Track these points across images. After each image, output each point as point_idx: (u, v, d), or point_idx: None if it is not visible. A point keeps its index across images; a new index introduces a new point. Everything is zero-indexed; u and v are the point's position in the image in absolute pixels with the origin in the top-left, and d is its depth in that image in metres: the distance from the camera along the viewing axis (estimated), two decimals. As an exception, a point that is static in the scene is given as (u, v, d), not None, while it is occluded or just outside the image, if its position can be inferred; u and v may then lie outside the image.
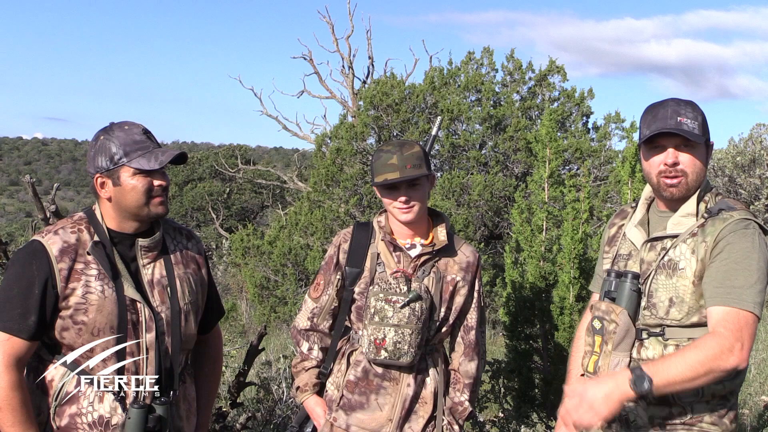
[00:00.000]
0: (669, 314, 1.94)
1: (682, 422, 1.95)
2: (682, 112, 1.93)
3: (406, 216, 2.29)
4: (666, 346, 1.96)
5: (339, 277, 2.39)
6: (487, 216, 10.37)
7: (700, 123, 1.93)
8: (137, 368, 1.96)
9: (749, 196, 18.64)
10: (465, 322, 2.43)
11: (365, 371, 2.33)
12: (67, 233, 1.94)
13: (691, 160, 1.93)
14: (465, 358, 2.42)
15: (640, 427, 1.98)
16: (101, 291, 1.92)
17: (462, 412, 2.40)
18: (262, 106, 18.56)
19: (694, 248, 1.92)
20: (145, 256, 2.03)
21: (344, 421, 2.33)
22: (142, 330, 1.96)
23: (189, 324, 2.08)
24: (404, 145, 2.30)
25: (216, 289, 2.33)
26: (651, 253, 2.01)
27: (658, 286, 1.96)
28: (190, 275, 2.12)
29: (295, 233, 10.95)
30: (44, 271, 1.88)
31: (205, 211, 25.77)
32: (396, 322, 2.24)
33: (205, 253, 2.23)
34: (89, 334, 1.90)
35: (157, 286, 2.02)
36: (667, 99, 2.00)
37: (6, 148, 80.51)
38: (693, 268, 1.92)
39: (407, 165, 2.24)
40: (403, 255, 2.34)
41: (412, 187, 2.27)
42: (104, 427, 1.91)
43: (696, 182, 1.96)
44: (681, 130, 1.90)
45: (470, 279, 2.39)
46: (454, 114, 10.58)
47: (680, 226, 1.97)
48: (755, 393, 5.95)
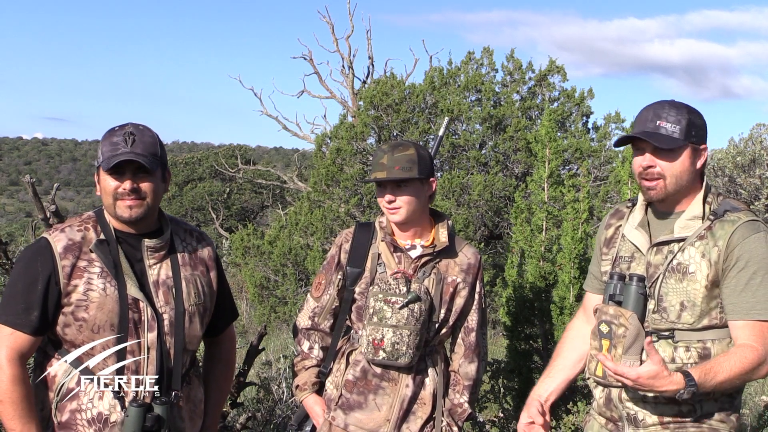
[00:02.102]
0: (681, 318, 1.95)
1: (691, 420, 1.96)
2: (663, 115, 1.95)
3: (393, 216, 2.31)
4: (676, 348, 1.97)
5: (340, 276, 2.40)
6: (487, 216, 10.36)
7: (684, 126, 1.94)
8: (137, 367, 1.96)
9: (749, 196, 18.67)
10: (465, 324, 2.42)
11: (364, 371, 2.34)
12: (74, 231, 1.97)
13: (669, 164, 1.95)
14: (465, 360, 2.42)
15: (649, 425, 1.99)
16: (103, 288, 1.93)
17: (461, 413, 2.40)
18: (262, 106, 18.56)
19: (704, 252, 1.93)
20: (151, 256, 2.03)
21: (342, 420, 2.34)
22: (143, 329, 1.97)
23: (193, 325, 2.08)
24: (399, 146, 2.31)
25: (229, 291, 2.32)
26: (658, 256, 2.01)
27: (669, 290, 1.96)
28: (197, 277, 2.11)
29: (295, 233, 10.95)
30: (48, 268, 1.91)
31: (205, 211, 25.77)
32: (394, 323, 2.24)
33: (217, 256, 2.22)
34: (90, 331, 1.92)
35: (162, 286, 2.03)
36: (657, 102, 2.02)
37: (6, 148, 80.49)
38: (704, 273, 1.92)
39: (396, 166, 2.26)
40: (404, 256, 2.34)
41: (399, 188, 2.28)
42: (103, 424, 1.92)
43: (676, 185, 1.97)
44: (651, 135, 1.94)
45: (471, 281, 2.39)
46: (454, 114, 10.58)
47: (687, 229, 1.97)
48: (755, 393, 5.96)
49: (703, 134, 2.00)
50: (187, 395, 2.10)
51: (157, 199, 2.00)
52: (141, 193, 1.95)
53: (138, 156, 1.92)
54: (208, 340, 2.30)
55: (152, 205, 1.99)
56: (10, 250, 3.72)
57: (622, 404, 2.04)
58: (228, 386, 2.37)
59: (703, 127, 2.00)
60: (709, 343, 1.95)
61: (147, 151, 1.96)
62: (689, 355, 1.96)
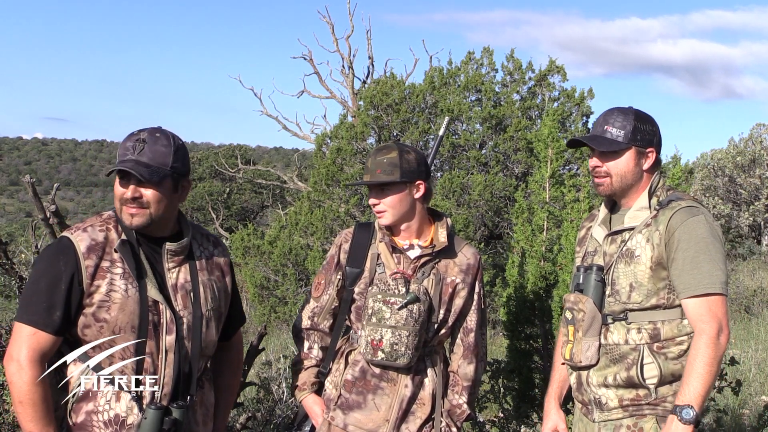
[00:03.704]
0: (630, 298, 2.16)
1: (647, 403, 2.15)
2: (610, 121, 2.22)
3: (380, 219, 2.33)
4: (629, 330, 2.16)
5: (339, 277, 2.39)
6: (487, 216, 10.37)
7: (628, 131, 2.18)
8: (155, 370, 1.95)
9: (749, 196, 18.59)
10: (464, 324, 2.42)
11: (363, 371, 2.34)
12: (96, 231, 1.95)
13: (613, 164, 2.20)
14: (464, 361, 2.42)
15: (611, 408, 2.18)
16: (125, 290, 1.92)
17: (460, 414, 2.40)
18: (262, 106, 18.57)
19: (648, 237, 2.15)
20: (171, 260, 2.02)
21: (342, 420, 2.33)
22: (162, 332, 1.96)
23: (210, 330, 2.07)
24: (383, 149, 2.33)
25: (239, 297, 2.32)
26: (612, 246, 2.24)
27: (619, 274, 2.18)
28: (213, 282, 2.10)
29: (295, 233, 10.95)
30: (71, 267, 1.89)
31: (205, 211, 25.76)
32: (393, 323, 2.24)
33: (231, 261, 2.22)
34: (110, 332, 1.90)
35: (180, 290, 2.02)
36: (609, 108, 2.28)
37: (6, 148, 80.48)
38: (648, 255, 2.14)
39: (377, 169, 2.28)
40: (403, 256, 2.34)
41: (382, 192, 2.30)
42: (119, 426, 1.91)
43: (621, 183, 2.21)
44: (593, 139, 2.21)
45: (470, 281, 2.39)
46: (455, 114, 10.58)
47: (635, 219, 2.20)
48: (755, 393, 5.95)
49: (649, 138, 2.21)
50: (201, 399, 2.09)
51: (161, 208, 1.95)
52: (143, 203, 1.93)
53: (137, 165, 1.90)
54: (219, 345, 2.30)
55: (156, 214, 1.95)
56: (10, 250, 3.72)
57: (590, 388, 2.23)
58: (236, 390, 2.36)
59: (651, 132, 2.22)
60: (659, 324, 2.14)
61: (155, 161, 1.93)
62: (641, 336, 2.15)
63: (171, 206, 2.00)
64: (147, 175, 1.90)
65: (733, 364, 4.09)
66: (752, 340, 8.15)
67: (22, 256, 5.70)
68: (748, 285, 11.43)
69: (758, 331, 8.65)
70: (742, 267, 14.30)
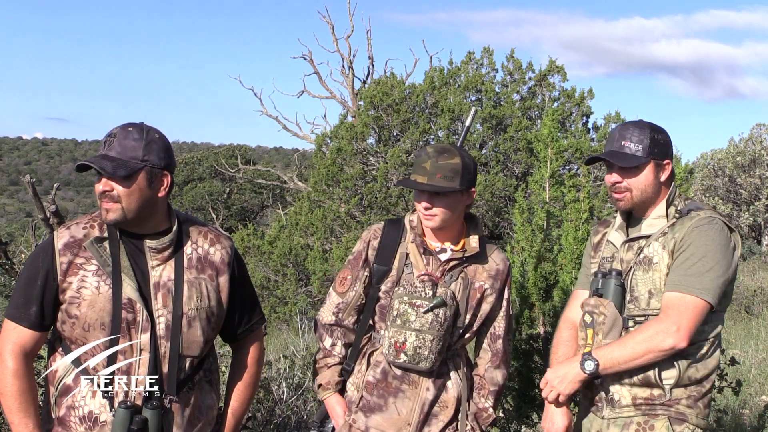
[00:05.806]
0: (650, 305, 2.16)
1: (661, 403, 2.15)
2: (627, 135, 2.21)
3: (428, 222, 2.26)
4: None
5: (367, 273, 2.34)
6: (487, 216, 10.37)
7: (646, 145, 2.18)
8: (129, 368, 1.94)
9: (749, 196, 18.58)
10: (492, 330, 2.39)
11: (384, 373, 2.30)
12: (79, 228, 1.97)
13: (634, 179, 2.20)
14: (491, 366, 2.39)
15: (624, 406, 2.18)
16: (96, 287, 1.92)
17: (486, 418, 2.37)
18: (262, 106, 18.61)
19: (664, 244, 2.17)
20: (154, 257, 2.00)
21: (363, 423, 2.30)
22: (137, 331, 1.94)
23: (193, 330, 2.02)
24: (444, 152, 2.24)
25: (251, 297, 2.24)
26: (629, 252, 2.25)
27: (638, 281, 2.19)
28: (203, 280, 2.05)
29: (295, 233, 10.96)
30: (47, 264, 1.93)
31: (205, 211, 25.77)
32: (418, 326, 2.20)
33: (232, 261, 2.13)
34: (81, 329, 1.92)
35: (162, 288, 1.99)
36: (624, 123, 2.27)
37: (6, 148, 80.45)
38: (665, 262, 2.15)
39: (438, 174, 2.19)
40: (433, 258, 2.29)
41: (437, 197, 2.21)
42: (93, 423, 1.92)
43: (641, 197, 2.21)
44: (614, 155, 2.20)
45: (499, 287, 2.35)
46: (455, 114, 10.58)
47: (653, 227, 2.22)
48: (755, 393, 5.95)
49: (666, 150, 2.22)
50: (187, 401, 2.04)
51: (133, 202, 1.92)
52: (113, 196, 1.91)
53: (102, 160, 1.89)
54: (231, 346, 2.27)
55: (128, 208, 1.92)
56: (10, 250, 3.73)
57: (602, 386, 2.22)
58: (249, 393, 2.27)
59: (666, 144, 2.23)
60: None
61: (124, 154, 1.90)
62: None
63: (147, 201, 1.95)
64: (110, 169, 1.88)
65: (733, 364, 4.08)
66: (752, 340, 8.14)
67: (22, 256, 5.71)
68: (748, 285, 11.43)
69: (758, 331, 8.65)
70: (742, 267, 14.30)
